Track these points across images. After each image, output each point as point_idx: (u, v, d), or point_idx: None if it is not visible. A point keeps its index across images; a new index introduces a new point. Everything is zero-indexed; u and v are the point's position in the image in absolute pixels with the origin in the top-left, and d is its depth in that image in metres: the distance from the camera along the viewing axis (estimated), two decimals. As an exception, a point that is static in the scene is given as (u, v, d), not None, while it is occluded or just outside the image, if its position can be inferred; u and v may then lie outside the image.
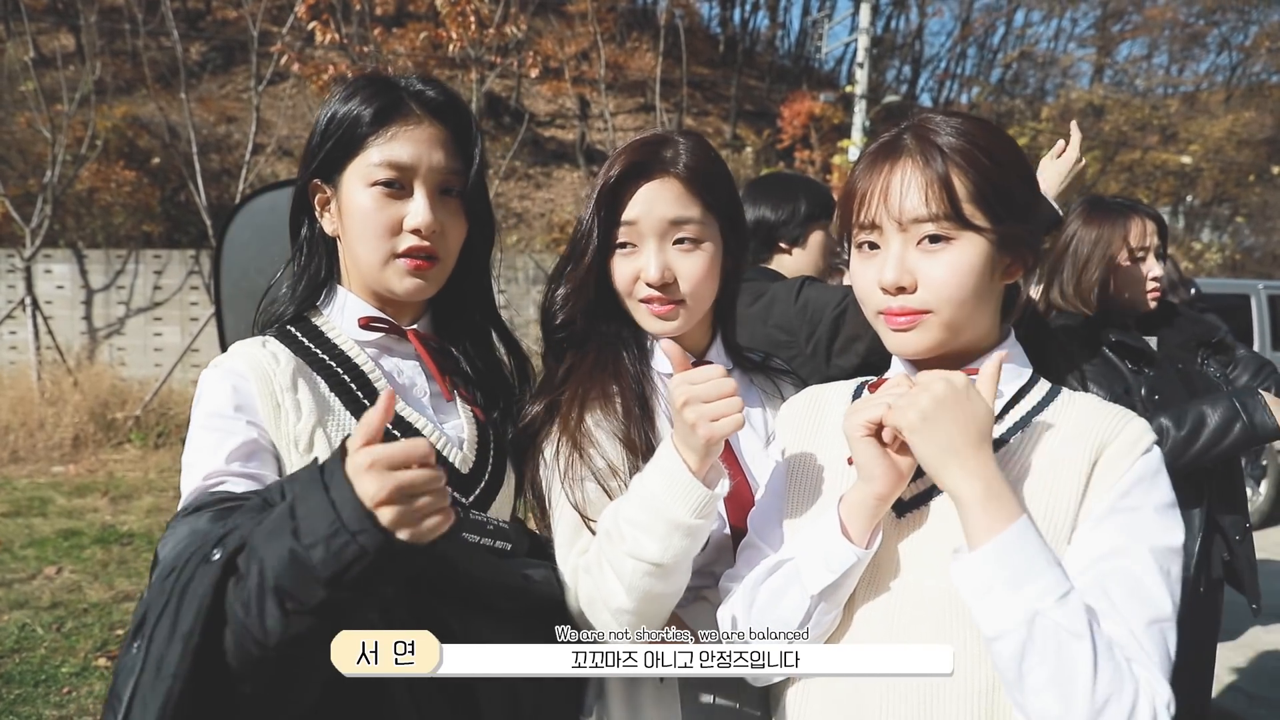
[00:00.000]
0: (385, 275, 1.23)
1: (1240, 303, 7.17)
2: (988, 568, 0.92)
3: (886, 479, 1.01)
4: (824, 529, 1.06)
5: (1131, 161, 19.55)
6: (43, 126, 9.56)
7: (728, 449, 1.36)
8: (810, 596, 1.04)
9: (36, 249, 9.43)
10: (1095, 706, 0.87)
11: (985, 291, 1.06)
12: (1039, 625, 0.88)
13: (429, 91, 1.25)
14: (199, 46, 16.03)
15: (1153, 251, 2.31)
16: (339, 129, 1.22)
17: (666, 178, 1.30)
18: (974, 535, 0.94)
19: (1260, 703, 3.81)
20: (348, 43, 11.31)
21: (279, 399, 1.15)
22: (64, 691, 3.57)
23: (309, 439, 1.15)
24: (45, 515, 6.08)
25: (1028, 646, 0.89)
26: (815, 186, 2.63)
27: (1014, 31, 26.16)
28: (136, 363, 10.14)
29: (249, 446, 1.12)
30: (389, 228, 1.21)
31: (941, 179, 1.02)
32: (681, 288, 1.30)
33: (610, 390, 1.33)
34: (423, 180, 1.22)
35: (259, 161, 11.06)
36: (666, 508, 1.09)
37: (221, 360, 1.19)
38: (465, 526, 1.17)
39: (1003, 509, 0.94)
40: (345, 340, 1.27)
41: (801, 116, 17.36)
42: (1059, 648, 0.88)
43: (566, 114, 17.15)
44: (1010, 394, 1.10)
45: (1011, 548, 0.92)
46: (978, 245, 1.03)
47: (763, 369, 1.51)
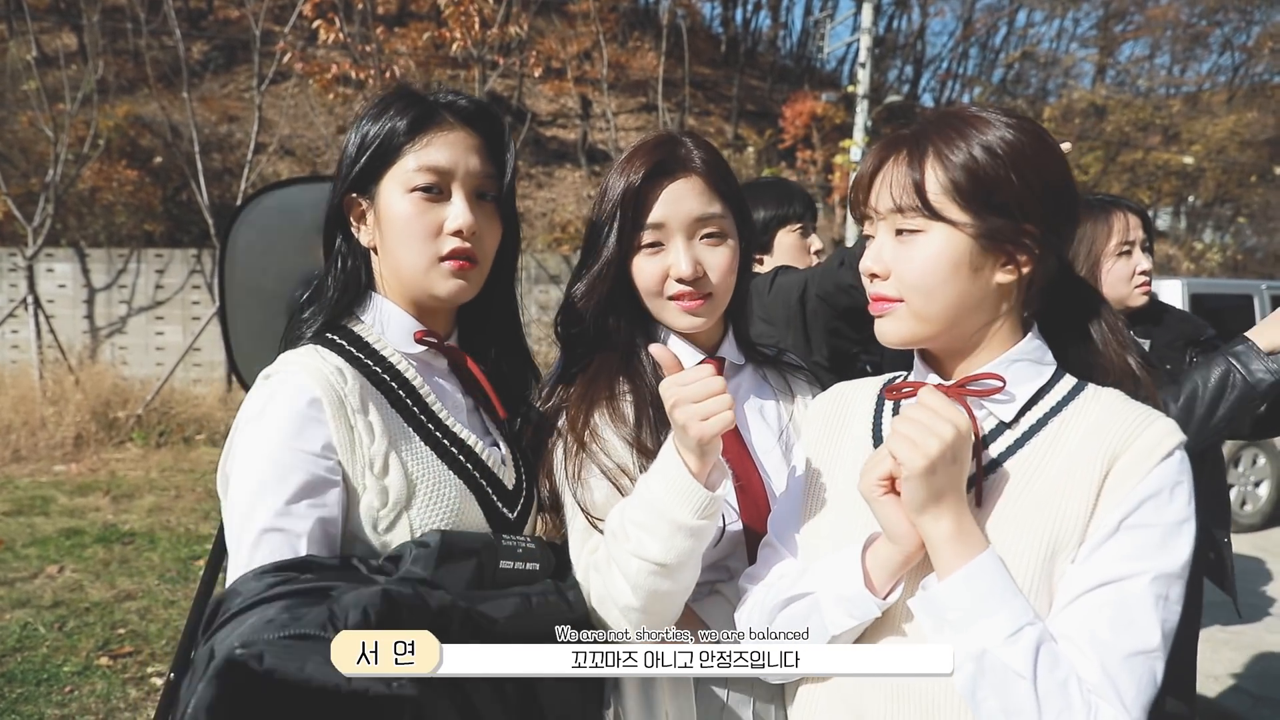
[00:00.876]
0: (429, 279, 1.23)
1: (1243, 303, 7.16)
2: (943, 603, 0.96)
3: (912, 539, 1.01)
4: (846, 570, 1.05)
5: (1133, 162, 19.54)
6: (45, 126, 9.57)
7: (740, 442, 1.37)
8: (830, 635, 1.06)
9: (39, 248, 9.44)
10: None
11: (965, 286, 1.04)
12: (986, 662, 0.92)
13: (460, 101, 1.27)
14: (201, 46, 16.04)
15: (1138, 245, 2.28)
16: (374, 142, 1.23)
17: (689, 176, 1.32)
18: (939, 570, 0.98)
19: (1264, 703, 3.81)
20: (350, 42, 11.31)
21: (352, 421, 1.13)
22: (66, 690, 3.57)
23: (384, 462, 1.14)
24: (47, 514, 6.08)
25: (978, 680, 0.93)
26: (771, 188, 2.62)
27: (1016, 31, 26.22)
28: (138, 362, 10.16)
29: (316, 483, 1.09)
30: (431, 231, 1.21)
31: (913, 171, 1.04)
32: (711, 280, 1.33)
33: (620, 390, 1.34)
34: (460, 184, 1.23)
35: (261, 161, 11.07)
36: (668, 509, 1.10)
37: (284, 374, 1.14)
38: (502, 554, 1.17)
39: (967, 546, 0.96)
40: (392, 353, 1.26)
41: (803, 116, 17.38)
42: (1004, 684, 0.92)
43: (568, 114, 17.16)
44: (1026, 396, 1.08)
45: (964, 585, 0.95)
46: (950, 238, 1.03)
47: (775, 363, 1.52)
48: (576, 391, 1.35)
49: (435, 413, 1.25)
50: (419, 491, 1.16)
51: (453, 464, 1.22)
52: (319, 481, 1.09)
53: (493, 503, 1.26)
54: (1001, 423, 1.08)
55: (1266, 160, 19.61)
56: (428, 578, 1.04)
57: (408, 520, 1.15)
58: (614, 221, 1.31)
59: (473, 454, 1.26)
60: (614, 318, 1.36)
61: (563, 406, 1.36)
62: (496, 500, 1.26)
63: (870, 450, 1.15)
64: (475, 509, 1.23)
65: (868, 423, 1.21)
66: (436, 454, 1.21)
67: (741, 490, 1.33)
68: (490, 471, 1.27)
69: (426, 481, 1.17)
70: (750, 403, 1.44)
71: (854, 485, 1.11)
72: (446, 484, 1.19)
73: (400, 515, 1.15)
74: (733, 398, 1.07)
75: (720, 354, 1.42)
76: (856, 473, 1.11)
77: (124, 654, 3.92)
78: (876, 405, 1.23)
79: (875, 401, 1.23)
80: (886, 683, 1.05)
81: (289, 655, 0.82)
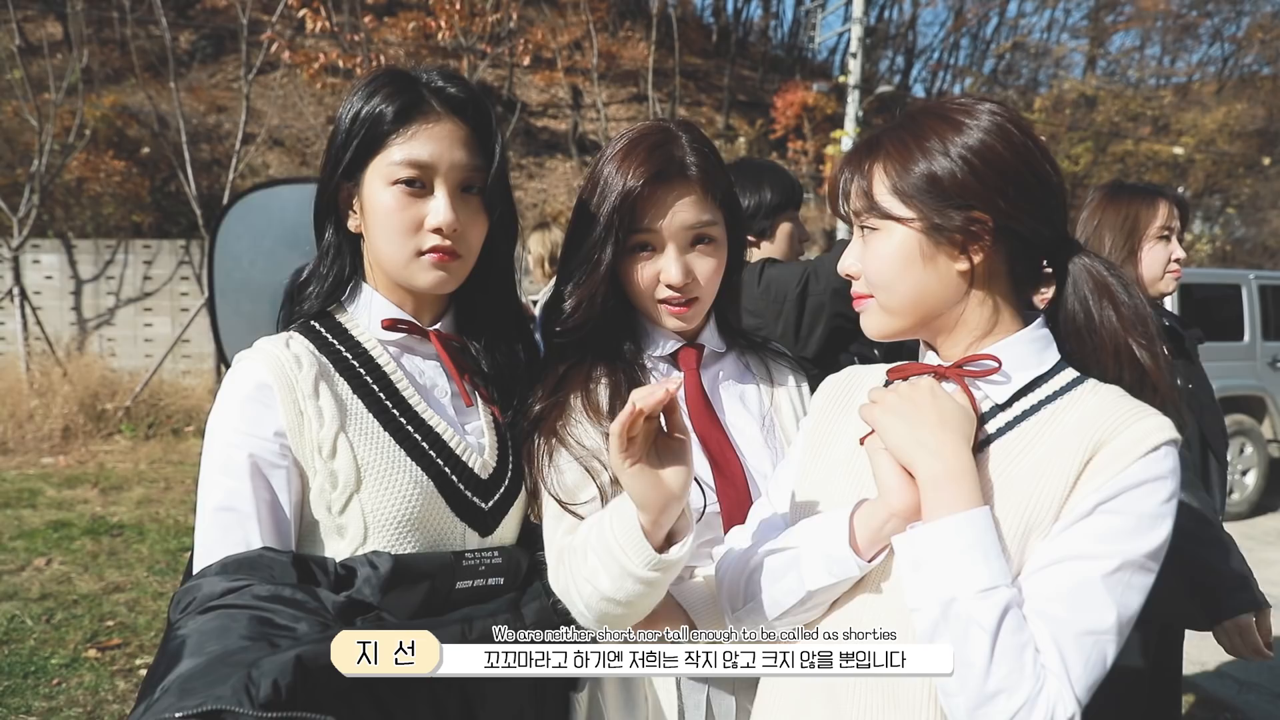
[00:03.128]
0: (409, 271, 1.24)
1: (1231, 293, 7.20)
2: (924, 545, 0.98)
3: (901, 495, 1.02)
4: (832, 528, 1.07)
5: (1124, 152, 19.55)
6: (30, 116, 9.47)
7: (718, 426, 1.38)
8: (806, 590, 1.07)
9: (24, 239, 9.35)
10: (984, 695, 0.92)
11: (921, 276, 1.07)
12: (953, 610, 0.94)
13: (450, 88, 1.25)
14: (188, 35, 15.88)
15: (1175, 233, 2.34)
16: (362, 128, 1.22)
17: (686, 185, 1.33)
18: (926, 513, 0.99)
19: (1250, 689, 3.85)
20: (338, 31, 11.23)
21: (301, 406, 1.17)
22: (53, 683, 3.56)
23: (332, 445, 1.17)
24: (35, 507, 6.05)
25: (940, 626, 0.95)
26: (781, 175, 2.61)
27: (1007, 22, 26.17)
28: (126, 353, 10.09)
29: (263, 465, 1.15)
30: (411, 226, 1.21)
31: (865, 175, 1.10)
32: (699, 284, 1.36)
33: (596, 375, 1.36)
34: (444, 178, 1.22)
35: (249, 151, 11.00)
36: (623, 554, 1.08)
37: (246, 362, 1.20)
38: (461, 574, 1.19)
39: (958, 495, 0.97)
40: (369, 339, 1.28)
41: (794, 107, 17.36)
42: (965, 635, 0.93)
43: (559, 104, 17.10)
44: (1023, 382, 1.08)
45: (952, 533, 0.96)
46: (899, 233, 1.07)
47: (757, 349, 1.54)
48: (552, 378, 1.36)
49: (405, 399, 1.25)
50: (368, 476, 1.17)
51: (412, 450, 1.22)
52: (265, 464, 1.14)
53: (458, 491, 1.24)
54: (995, 405, 1.09)
55: (1255, 152, 19.66)
56: (375, 603, 1.08)
57: (359, 504, 1.17)
58: (610, 227, 1.31)
59: (439, 441, 1.25)
60: (601, 316, 1.37)
61: (541, 393, 1.36)
62: (464, 489, 1.25)
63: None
64: (435, 497, 1.22)
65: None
66: (396, 440, 1.21)
67: (719, 473, 1.33)
68: (457, 458, 1.26)
69: (377, 466, 1.18)
70: (730, 388, 1.45)
71: (851, 458, 1.15)
72: (400, 469, 1.19)
73: (351, 498, 1.17)
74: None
75: (700, 341, 1.43)
76: (852, 449, 1.14)
77: (112, 646, 3.91)
78: (883, 387, 1.24)
79: (880, 384, 1.25)
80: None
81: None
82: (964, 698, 0.93)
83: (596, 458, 1.28)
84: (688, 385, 1.38)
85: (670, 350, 1.41)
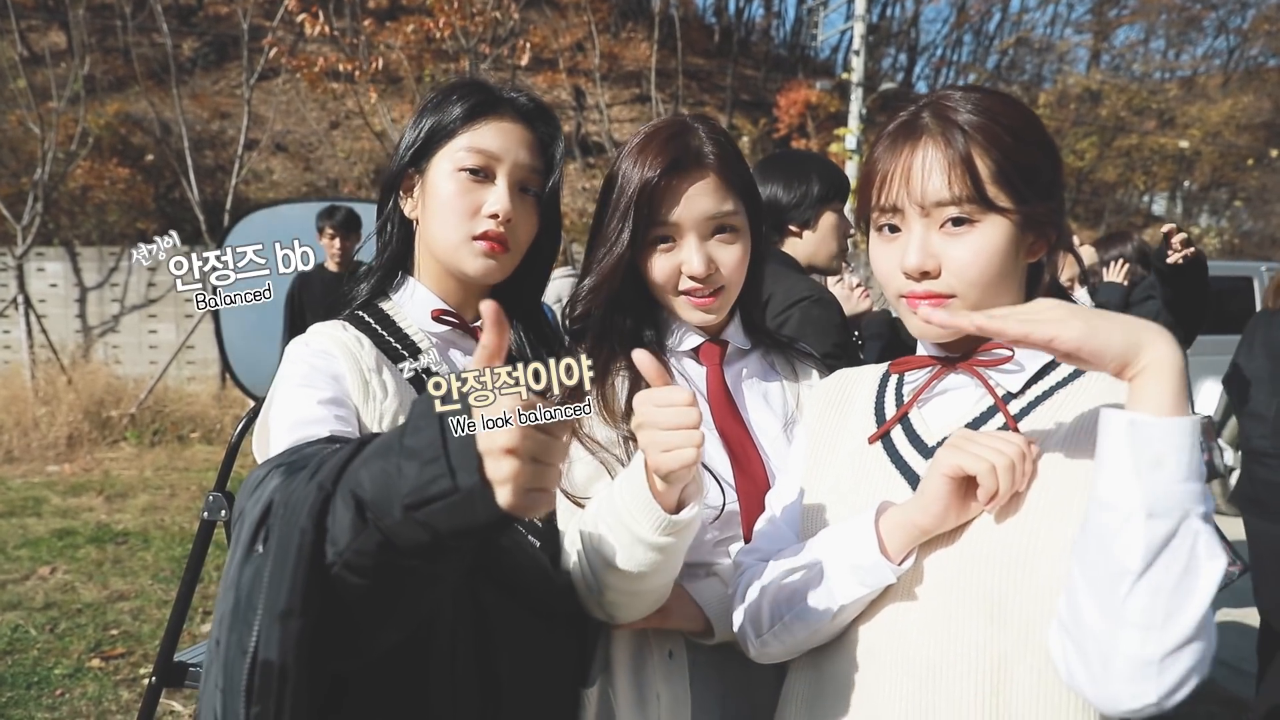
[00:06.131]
0: (459, 255, 1.30)
1: (1243, 285, 7.16)
2: (1171, 440, 0.81)
3: (942, 518, 0.99)
4: (857, 537, 1.03)
5: (1129, 146, 19.48)
6: (33, 124, 9.49)
7: (741, 424, 1.36)
8: (838, 604, 1.04)
9: (28, 247, 9.37)
10: (1189, 635, 0.80)
11: (1010, 273, 1.05)
12: (1186, 526, 0.80)
13: (521, 98, 1.36)
14: (191, 42, 15.91)
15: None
16: (435, 117, 1.31)
17: (704, 174, 1.31)
18: (1161, 402, 0.82)
19: (1241, 674, 3.82)
20: (339, 35, 11.23)
21: (366, 377, 1.21)
22: (57, 693, 3.52)
23: (393, 420, 1.20)
24: (40, 515, 6.03)
25: (1171, 542, 0.80)
26: (827, 166, 2.57)
27: (1010, 18, 26.05)
28: (131, 360, 10.10)
29: (340, 399, 1.16)
30: (469, 210, 1.28)
31: (964, 160, 1.01)
32: (723, 275, 1.33)
33: (614, 367, 1.34)
34: (506, 172, 1.30)
35: (252, 157, 11.01)
36: (632, 520, 1.06)
37: (307, 339, 1.26)
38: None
39: (1185, 399, 0.83)
40: (414, 330, 1.33)
41: (798, 105, 17.32)
42: (1191, 559, 0.80)
43: (562, 105, 17.08)
44: (1035, 369, 1.08)
45: (1191, 438, 0.81)
46: (1002, 227, 1.02)
47: (783, 349, 1.51)
48: None
49: None
50: None
51: None
52: (342, 398, 1.18)
53: None
54: (1009, 393, 1.08)
55: (1262, 144, 19.56)
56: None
57: None
58: (627, 219, 1.30)
59: None
60: (621, 311, 1.36)
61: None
62: None
63: (874, 427, 1.16)
64: None
65: (870, 400, 1.21)
66: None
67: (740, 470, 1.31)
68: None
69: None
70: (754, 385, 1.42)
71: (855, 462, 1.12)
72: None
73: None
74: (704, 434, 0.99)
75: (724, 337, 1.40)
76: (859, 449, 1.12)
77: (116, 655, 3.87)
78: (880, 384, 1.23)
79: (878, 381, 1.23)
80: (889, 660, 1.03)
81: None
82: (1170, 635, 0.80)
83: (609, 450, 1.27)
84: (710, 381, 1.36)
85: (692, 346, 1.38)
